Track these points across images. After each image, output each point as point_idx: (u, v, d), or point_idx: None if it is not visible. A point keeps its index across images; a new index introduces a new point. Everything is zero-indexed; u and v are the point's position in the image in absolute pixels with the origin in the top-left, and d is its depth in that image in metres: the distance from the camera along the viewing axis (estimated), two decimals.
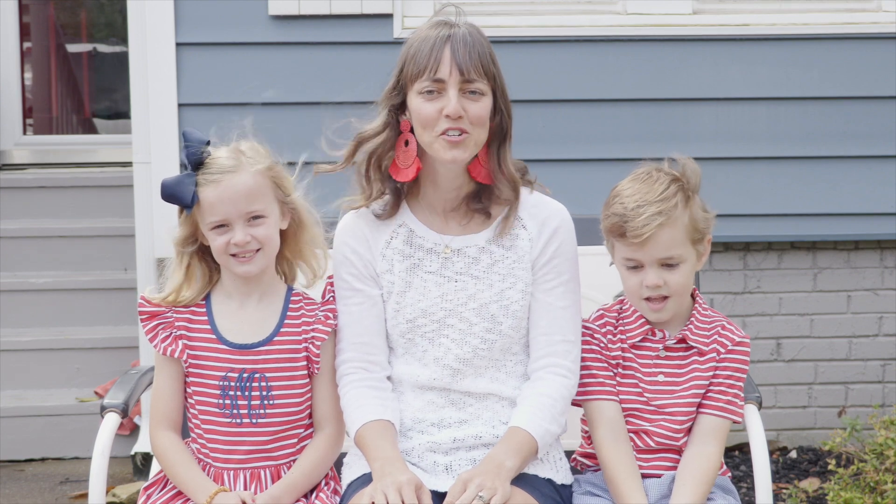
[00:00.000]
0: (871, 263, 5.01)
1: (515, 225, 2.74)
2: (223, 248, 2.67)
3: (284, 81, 4.73)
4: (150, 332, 2.73)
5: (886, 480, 3.95)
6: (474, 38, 2.64)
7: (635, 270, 2.67)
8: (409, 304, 2.72)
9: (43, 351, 5.35)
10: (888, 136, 4.84)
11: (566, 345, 2.73)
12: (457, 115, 2.61)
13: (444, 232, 2.75)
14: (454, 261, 2.73)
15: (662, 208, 2.61)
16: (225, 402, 2.70)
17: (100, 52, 8.76)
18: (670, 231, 2.62)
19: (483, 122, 2.65)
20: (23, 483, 4.85)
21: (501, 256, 2.73)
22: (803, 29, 4.84)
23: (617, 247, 2.69)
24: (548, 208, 2.77)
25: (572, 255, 2.77)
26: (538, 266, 2.74)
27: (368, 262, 2.75)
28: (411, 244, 2.74)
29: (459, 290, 2.72)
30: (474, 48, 2.63)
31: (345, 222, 2.80)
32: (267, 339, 2.72)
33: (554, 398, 2.68)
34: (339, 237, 2.79)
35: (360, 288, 2.75)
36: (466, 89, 2.63)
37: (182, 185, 2.66)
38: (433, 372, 2.71)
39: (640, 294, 2.68)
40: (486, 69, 2.64)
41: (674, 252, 2.64)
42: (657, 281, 2.64)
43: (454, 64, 2.61)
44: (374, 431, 2.63)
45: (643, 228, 2.59)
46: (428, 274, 2.73)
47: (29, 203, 5.96)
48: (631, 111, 4.83)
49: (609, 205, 2.67)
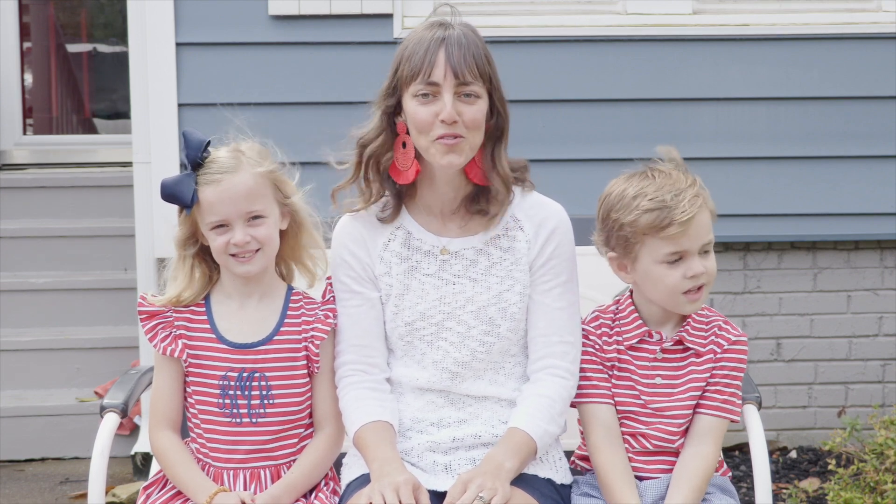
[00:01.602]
0: (871, 263, 5.01)
1: (512, 226, 2.73)
2: (223, 248, 2.67)
3: (284, 81, 4.73)
4: (150, 331, 2.73)
5: (886, 480, 3.95)
6: (469, 40, 2.62)
7: (676, 265, 2.63)
8: (408, 307, 2.71)
9: (43, 351, 5.35)
10: (888, 136, 4.84)
11: (564, 346, 2.72)
12: (452, 120, 2.59)
13: (442, 234, 2.74)
14: (452, 263, 2.72)
15: (697, 191, 2.62)
16: (225, 401, 2.69)
17: (100, 52, 8.76)
18: (706, 215, 2.64)
19: (479, 125, 2.63)
20: (23, 483, 4.85)
21: (499, 258, 2.72)
22: (803, 29, 4.83)
23: (652, 246, 2.62)
24: (545, 209, 2.76)
25: (570, 256, 2.76)
26: (536, 267, 2.73)
27: (367, 264, 2.75)
28: (409, 246, 2.74)
29: (458, 293, 2.71)
30: (469, 50, 2.60)
31: (342, 224, 2.78)
32: (267, 339, 2.72)
33: (553, 399, 2.68)
34: (336, 239, 2.78)
35: (358, 290, 2.75)
36: (461, 92, 2.60)
37: (182, 184, 2.65)
38: (432, 375, 2.71)
39: (681, 288, 2.63)
40: (481, 71, 2.62)
41: (711, 236, 2.65)
42: (701, 269, 2.62)
43: (448, 67, 2.59)
44: (372, 432, 2.63)
45: (689, 211, 2.58)
46: (426, 276, 2.72)
47: (29, 203, 5.96)
48: (631, 111, 4.83)
49: (629, 208, 2.62)
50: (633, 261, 2.67)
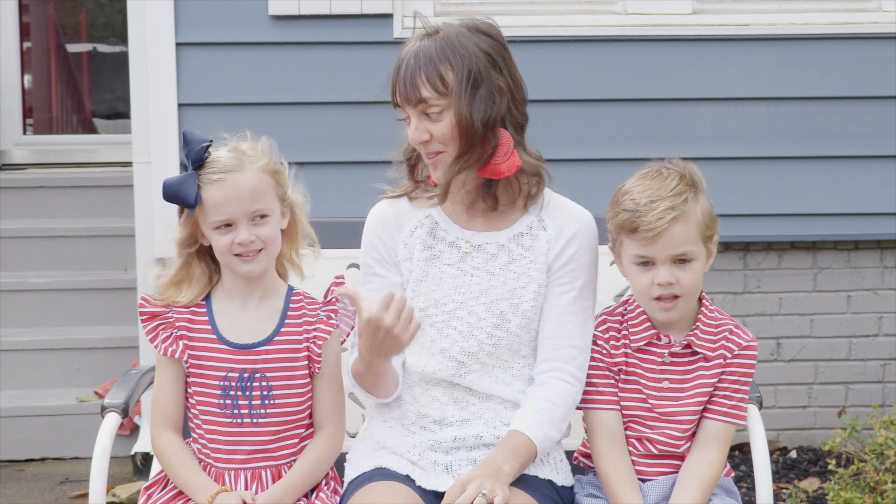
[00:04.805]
0: (871, 263, 5.01)
1: (537, 226, 2.74)
2: (227, 248, 2.66)
3: (284, 81, 4.73)
4: (151, 332, 2.73)
5: (886, 480, 3.95)
6: (426, 53, 2.58)
7: (646, 268, 2.62)
8: (423, 294, 2.73)
9: (43, 351, 5.35)
10: (888, 136, 4.85)
11: (572, 350, 2.71)
12: (421, 141, 2.62)
13: (469, 227, 2.75)
14: (473, 256, 2.73)
15: (675, 203, 2.58)
16: (226, 402, 2.69)
17: (100, 52, 8.75)
18: (683, 226, 2.59)
19: (448, 138, 2.62)
20: (23, 483, 4.85)
21: (519, 255, 2.73)
22: (803, 29, 4.83)
23: (626, 244, 2.64)
24: (571, 214, 2.76)
25: (590, 261, 2.74)
26: (554, 269, 2.73)
27: (391, 248, 2.77)
28: (434, 236, 2.75)
29: (473, 285, 2.72)
30: (419, 68, 2.57)
31: (376, 209, 2.82)
32: (267, 339, 2.72)
33: (555, 403, 2.67)
34: (368, 223, 2.82)
35: (381, 273, 2.77)
36: (423, 111, 2.61)
37: (185, 184, 2.64)
38: (439, 363, 2.71)
39: (651, 293, 2.63)
40: (434, 86, 2.58)
41: (686, 248, 2.60)
42: (669, 278, 2.60)
43: (399, 94, 2.61)
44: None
45: (657, 223, 2.56)
46: (446, 266, 2.73)
47: (29, 203, 5.96)
48: (631, 111, 4.83)
49: (618, 202, 2.64)
50: (619, 255, 2.70)
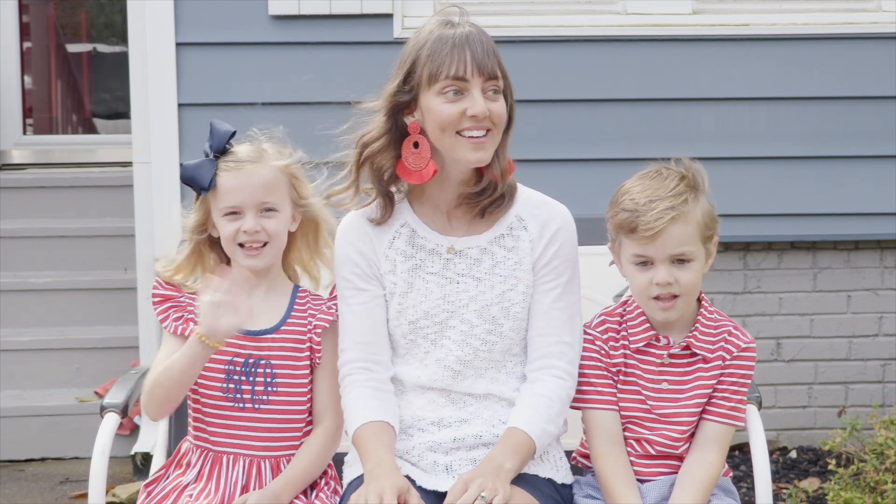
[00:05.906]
0: (871, 263, 5.01)
1: (517, 226, 2.74)
2: (232, 236, 2.71)
3: (284, 81, 4.74)
4: (162, 313, 2.77)
5: (886, 480, 3.95)
6: (486, 38, 2.66)
7: (644, 267, 2.63)
8: (412, 306, 2.71)
9: (43, 351, 5.35)
10: (888, 137, 4.85)
11: (562, 346, 2.71)
12: (484, 115, 2.61)
13: (448, 233, 2.74)
14: (456, 262, 2.72)
15: (674, 203, 2.58)
16: (229, 385, 2.72)
17: (100, 52, 8.75)
18: (682, 227, 2.59)
19: (503, 120, 2.67)
20: (23, 483, 4.85)
21: (503, 258, 2.72)
22: (803, 29, 4.84)
23: (625, 244, 2.64)
24: (550, 210, 2.76)
25: (572, 257, 2.75)
26: (538, 267, 2.73)
27: (372, 261, 2.74)
28: (413, 244, 2.73)
29: (461, 292, 2.71)
30: (490, 47, 2.65)
31: (348, 221, 2.78)
32: (274, 328, 2.75)
33: (551, 399, 2.67)
34: (341, 236, 2.78)
35: (364, 287, 2.74)
36: (487, 88, 2.63)
37: (202, 168, 2.72)
38: (434, 373, 2.71)
39: (649, 293, 2.63)
40: (500, 68, 2.66)
41: (685, 248, 2.60)
42: (668, 278, 2.60)
43: (475, 64, 2.61)
44: (370, 433, 2.63)
45: (655, 223, 2.56)
46: (430, 275, 2.72)
47: (29, 203, 5.96)
48: (631, 111, 4.83)
49: (618, 202, 2.64)
50: (618, 255, 2.70)
